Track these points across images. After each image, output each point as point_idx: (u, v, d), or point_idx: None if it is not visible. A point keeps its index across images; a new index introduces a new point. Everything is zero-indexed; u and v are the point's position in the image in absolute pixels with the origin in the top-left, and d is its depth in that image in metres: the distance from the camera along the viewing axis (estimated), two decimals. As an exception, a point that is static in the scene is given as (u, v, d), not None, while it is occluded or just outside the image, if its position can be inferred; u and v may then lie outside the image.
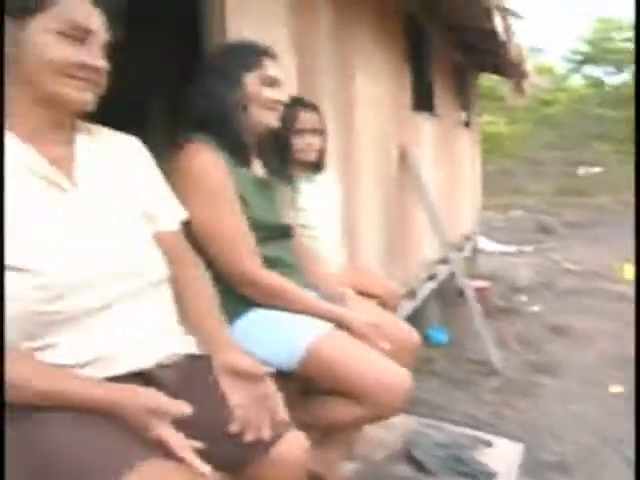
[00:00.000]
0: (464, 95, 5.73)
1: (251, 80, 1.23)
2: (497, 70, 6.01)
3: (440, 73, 4.48)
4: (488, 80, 9.56)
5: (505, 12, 3.72)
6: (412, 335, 1.40)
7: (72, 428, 0.71)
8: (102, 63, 0.84)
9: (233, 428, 0.83)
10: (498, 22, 3.74)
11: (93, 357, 0.79)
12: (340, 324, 1.21)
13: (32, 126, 0.83)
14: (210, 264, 1.10)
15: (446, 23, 4.46)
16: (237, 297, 1.18)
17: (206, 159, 1.15)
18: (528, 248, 7.40)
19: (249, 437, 0.82)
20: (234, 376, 0.87)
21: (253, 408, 0.84)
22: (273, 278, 1.19)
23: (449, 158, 4.87)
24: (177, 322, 0.93)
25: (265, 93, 1.24)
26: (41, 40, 0.79)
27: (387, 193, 3.18)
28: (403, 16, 3.47)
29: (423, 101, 4.00)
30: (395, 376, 1.14)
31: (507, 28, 3.99)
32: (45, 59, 0.79)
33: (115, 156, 0.93)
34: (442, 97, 4.55)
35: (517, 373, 3.11)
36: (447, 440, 1.88)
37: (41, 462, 0.70)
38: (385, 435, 1.79)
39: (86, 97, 0.83)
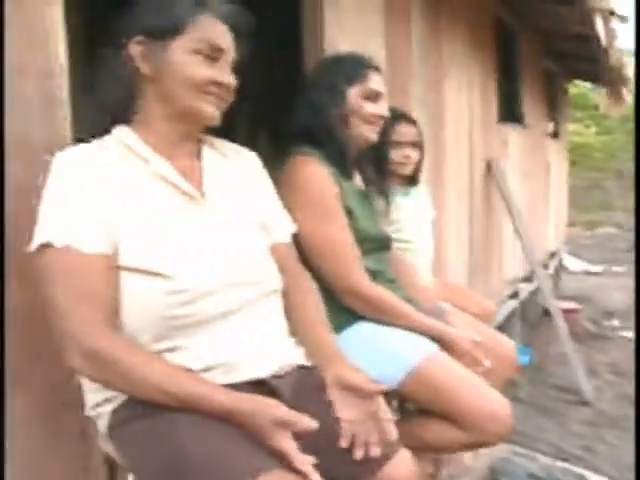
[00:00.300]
0: (553, 104, 5.44)
1: (354, 94, 1.24)
2: (591, 77, 5.64)
3: (529, 82, 4.29)
4: (577, 87, 9.00)
5: (608, 15, 3.47)
6: (512, 349, 1.37)
7: (200, 430, 0.74)
8: (232, 80, 0.89)
9: (342, 443, 0.82)
10: (599, 26, 3.49)
11: (215, 363, 0.82)
12: (442, 340, 1.19)
13: (165, 138, 0.88)
14: (315, 275, 1.11)
15: (538, 29, 4.26)
16: (341, 309, 1.18)
17: (314, 171, 1.17)
18: (619, 268, 6.84)
19: (358, 454, 0.82)
20: (345, 391, 0.87)
21: (363, 425, 0.83)
22: (379, 291, 1.19)
23: (536, 171, 4.63)
24: (287, 333, 0.95)
25: (367, 107, 1.24)
26: (180, 59, 0.84)
27: (472, 207, 3.07)
28: (493, 24, 3.37)
29: (510, 111, 3.85)
30: (500, 405, 1.11)
31: (609, 32, 3.72)
32: (184, 77, 0.84)
33: (235, 168, 0.97)
34: (530, 107, 4.35)
35: (610, 405, 2.86)
36: (539, 471, 1.76)
37: (170, 458, 0.73)
38: (472, 460, 1.71)
39: (216, 112, 0.88)
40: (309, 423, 0.74)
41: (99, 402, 0.84)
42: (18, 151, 0.94)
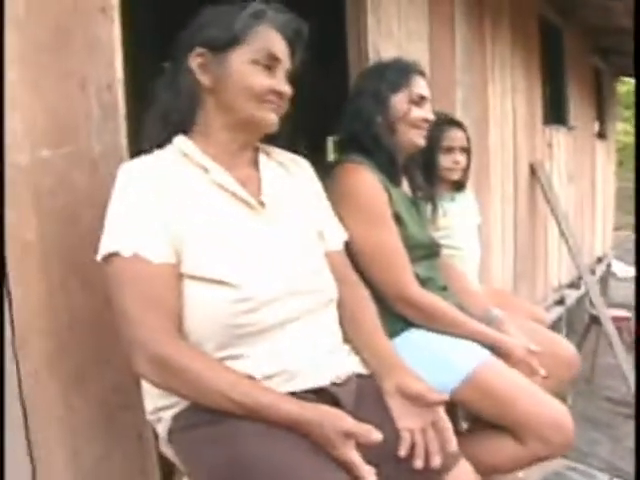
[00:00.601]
0: (600, 103, 5.23)
1: (399, 100, 1.24)
2: (640, 74, 5.40)
3: (575, 80, 4.14)
4: (626, 84, 8.63)
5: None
6: (570, 349, 1.33)
7: (265, 438, 0.74)
8: (288, 88, 0.90)
9: (402, 452, 0.81)
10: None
11: (276, 371, 0.82)
12: (496, 348, 1.16)
13: (225, 148, 0.90)
14: (367, 282, 1.10)
15: (584, 25, 4.12)
16: (392, 316, 1.17)
17: (364, 178, 1.17)
18: (672, 274, 6.48)
19: (418, 463, 0.80)
20: (406, 399, 0.85)
21: (423, 434, 0.82)
22: (430, 298, 1.17)
23: (582, 173, 4.47)
24: (342, 341, 0.94)
25: (413, 112, 1.24)
26: (240, 70, 0.86)
27: (516, 211, 3.00)
28: (538, 23, 3.28)
29: (556, 112, 3.73)
30: (562, 412, 1.07)
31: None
32: (244, 87, 0.86)
33: (291, 176, 0.98)
34: (576, 107, 4.20)
35: (668, 420, 2.71)
36: (593, 489, 1.68)
37: (233, 465, 0.73)
38: (524, 474, 1.65)
39: (275, 119, 0.89)
40: (376, 436, 0.73)
41: (160, 407, 0.86)
42: (80, 161, 0.97)
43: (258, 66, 0.86)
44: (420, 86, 1.26)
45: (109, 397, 1.01)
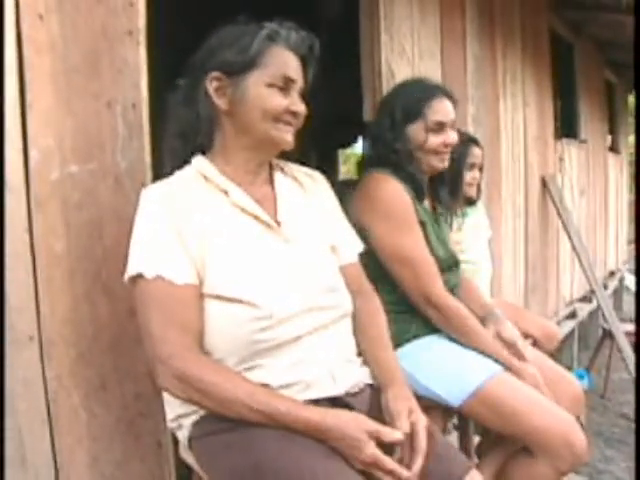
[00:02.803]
0: (612, 117, 5.23)
1: (415, 130, 1.24)
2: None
3: (587, 94, 4.16)
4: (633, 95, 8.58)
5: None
6: (578, 387, 1.31)
7: (283, 444, 0.77)
8: (302, 107, 0.92)
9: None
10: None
11: (292, 381, 0.85)
12: (508, 368, 1.17)
13: (243, 168, 0.93)
14: (392, 286, 1.13)
15: (596, 40, 4.14)
16: (414, 320, 1.20)
17: (395, 187, 1.19)
18: (687, 289, 6.39)
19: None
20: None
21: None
22: (457, 303, 1.20)
23: (594, 186, 4.46)
24: (356, 352, 0.97)
25: (430, 141, 1.23)
26: (256, 93, 0.88)
27: (527, 225, 3.00)
28: (549, 38, 3.30)
29: (568, 126, 3.74)
30: (573, 426, 1.07)
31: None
32: (262, 110, 0.88)
33: (306, 192, 1.01)
34: (588, 120, 4.21)
35: (683, 437, 2.67)
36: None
37: (252, 471, 0.76)
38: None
39: (291, 138, 0.92)
40: (398, 435, 0.77)
41: (181, 414, 0.89)
42: (106, 177, 1.02)
43: (274, 88, 0.88)
44: (438, 112, 1.23)
45: (129, 405, 1.04)
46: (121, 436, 1.03)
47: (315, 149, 4.57)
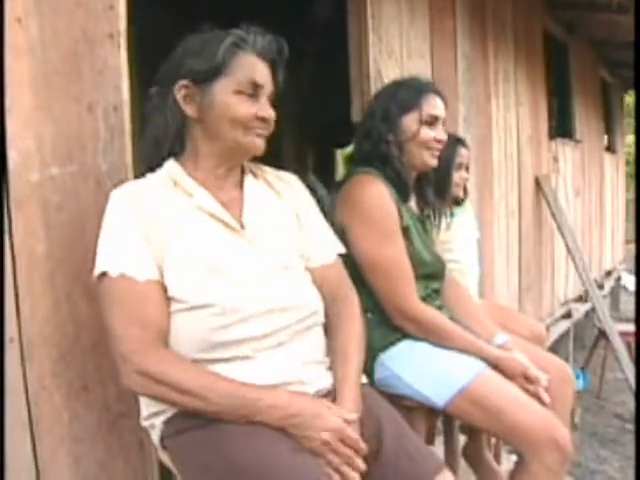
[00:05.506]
0: (608, 116, 5.23)
1: (409, 121, 1.24)
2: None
3: (582, 94, 4.16)
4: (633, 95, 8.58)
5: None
6: (563, 366, 1.33)
7: (254, 440, 0.78)
8: (271, 113, 0.92)
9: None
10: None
11: (261, 380, 0.85)
12: (493, 364, 1.17)
13: (212, 172, 0.94)
14: (370, 293, 1.12)
15: (591, 40, 4.15)
16: (394, 326, 1.20)
17: (378, 191, 1.19)
18: (685, 288, 6.38)
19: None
20: None
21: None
22: (431, 313, 1.19)
23: (590, 186, 4.46)
24: (324, 355, 0.97)
25: (423, 133, 1.23)
26: (224, 100, 0.88)
27: (521, 225, 3.00)
28: (543, 38, 3.31)
29: (562, 126, 3.74)
30: (556, 425, 1.07)
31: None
32: (230, 117, 0.89)
33: (278, 194, 1.01)
34: (583, 120, 4.21)
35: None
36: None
37: (225, 468, 0.77)
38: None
39: (262, 143, 0.93)
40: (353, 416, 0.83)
41: (153, 413, 0.89)
42: (87, 179, 1.02)
43: (242, 95, 0.89)
44: (433, 106, 1.24)
45: (111, 405, 1.04)
46: (103, 436, 1.04)
47: (312, 149, 4.58)
